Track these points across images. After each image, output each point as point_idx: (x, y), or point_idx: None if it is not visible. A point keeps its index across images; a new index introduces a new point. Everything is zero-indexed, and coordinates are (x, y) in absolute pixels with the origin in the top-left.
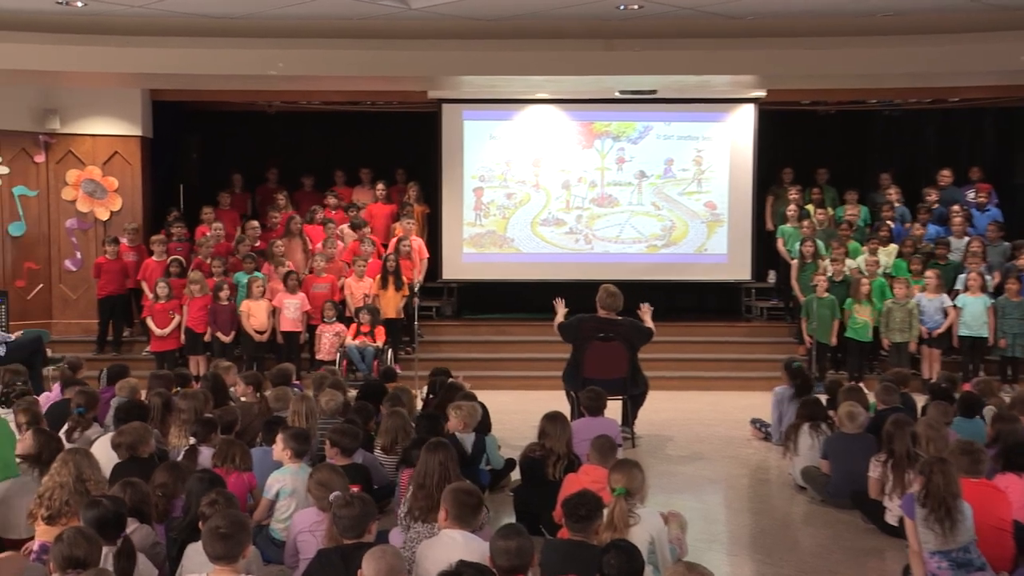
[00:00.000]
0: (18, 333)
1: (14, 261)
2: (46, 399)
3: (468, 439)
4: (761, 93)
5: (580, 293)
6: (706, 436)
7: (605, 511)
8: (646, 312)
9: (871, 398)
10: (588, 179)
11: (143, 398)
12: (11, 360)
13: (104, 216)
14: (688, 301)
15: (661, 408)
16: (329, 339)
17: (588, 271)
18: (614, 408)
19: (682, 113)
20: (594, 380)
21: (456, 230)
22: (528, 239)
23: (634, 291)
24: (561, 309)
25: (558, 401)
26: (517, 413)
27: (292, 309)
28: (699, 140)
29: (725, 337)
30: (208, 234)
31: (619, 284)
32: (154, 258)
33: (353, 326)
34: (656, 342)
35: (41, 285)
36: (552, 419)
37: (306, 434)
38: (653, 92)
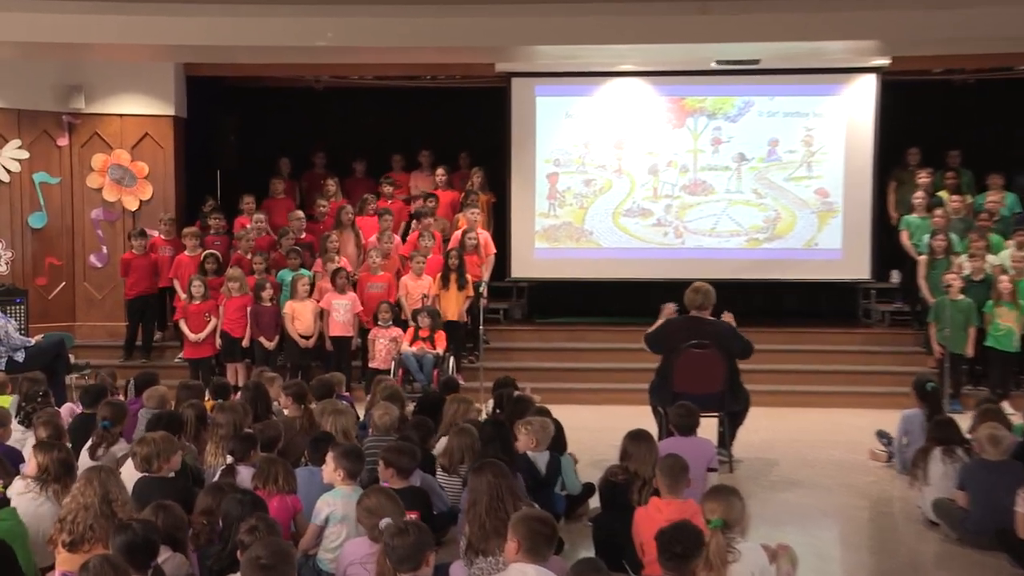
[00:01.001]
0: (39, 337)
1: (34, 256)
2: (68, 411)
3: (541, 459)
4: (884, 61)
5: (669, 295)
6: (817, 460)
7: None
8: (729, 320)
9: (1017, 419)
10: (679, 163)
11: (180, 411)
12: (31, 367)
13: (133, 206)
14: (796, 304)
15: (764, 427)
16: (384, 345)
17: (678, 269)
18: (709, 426)
19: (789, 86)
20: (686, 394)
21: (527, 222)
22: (609, 232)
23: (732, 292)
24: (667, 313)
25: (644, 418)
26: (596, 431)
27: (342, 311)
28: (809, 117)
29: (839, 346)
30: (248, 226)
31: (714, 284)
32: (187, 253)
33: (410, 330)
34: (758, 351)
35: (64, 283)
36: (637, 438)
37: (360, 452)
38: (755, 62)
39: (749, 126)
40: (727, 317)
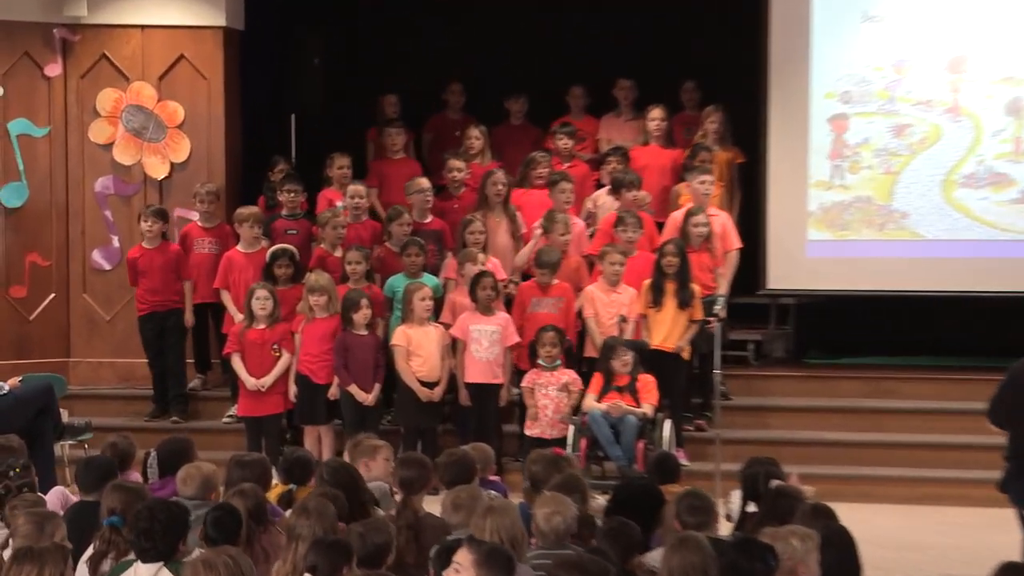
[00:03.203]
0: (15, 380)
1: (8, 252)
2: (59, 498)
3: None
4: None
5: None
6: None
7: None
8: None
9: None
10: None
11: (229, 501)
12: (2, 428)
13: (160, 171)
14: None
15: None
16: (552, 399)
17: None
18: None
19: None
20: None
21: (795, 197)
22: (937, 213)
23: None
24: None
25: (1003, 526)
26: (918, 550)
27: (486, 343)
28: None
29: None
30: (340, 204)
31: None
32: (240, 248)
33: (598, 376)
34: None
35: (53, 295)
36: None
37: (509, 557)
38: None
39: None
40: None
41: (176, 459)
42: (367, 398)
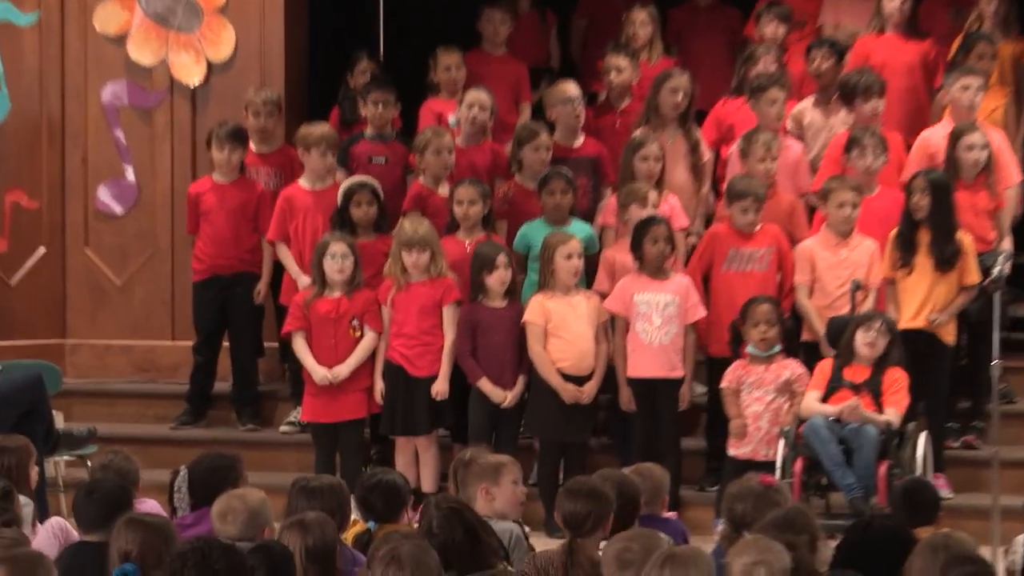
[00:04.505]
0: None
1: None
2: (56, 534)
3: None
4: None
5: None
6: None
7: None
8: None
9: None
10: None
11: (280, 539)
12: None
13: (193, 75)
14: None
15: None
16: (766, 404)
17: None
18: None
19: None
20: None
21: None
22: None
23: None
24: None
25: None
26: None
27: (659, 320)
28: None
29: None
30: (453, 118)
31: None
32: (305, 184)
33: (824, 366)
34: None
35: (43, 249)
36: None
37: None
38: None
39: None
40: None
41: (216, 482)
42: (507, 397)
